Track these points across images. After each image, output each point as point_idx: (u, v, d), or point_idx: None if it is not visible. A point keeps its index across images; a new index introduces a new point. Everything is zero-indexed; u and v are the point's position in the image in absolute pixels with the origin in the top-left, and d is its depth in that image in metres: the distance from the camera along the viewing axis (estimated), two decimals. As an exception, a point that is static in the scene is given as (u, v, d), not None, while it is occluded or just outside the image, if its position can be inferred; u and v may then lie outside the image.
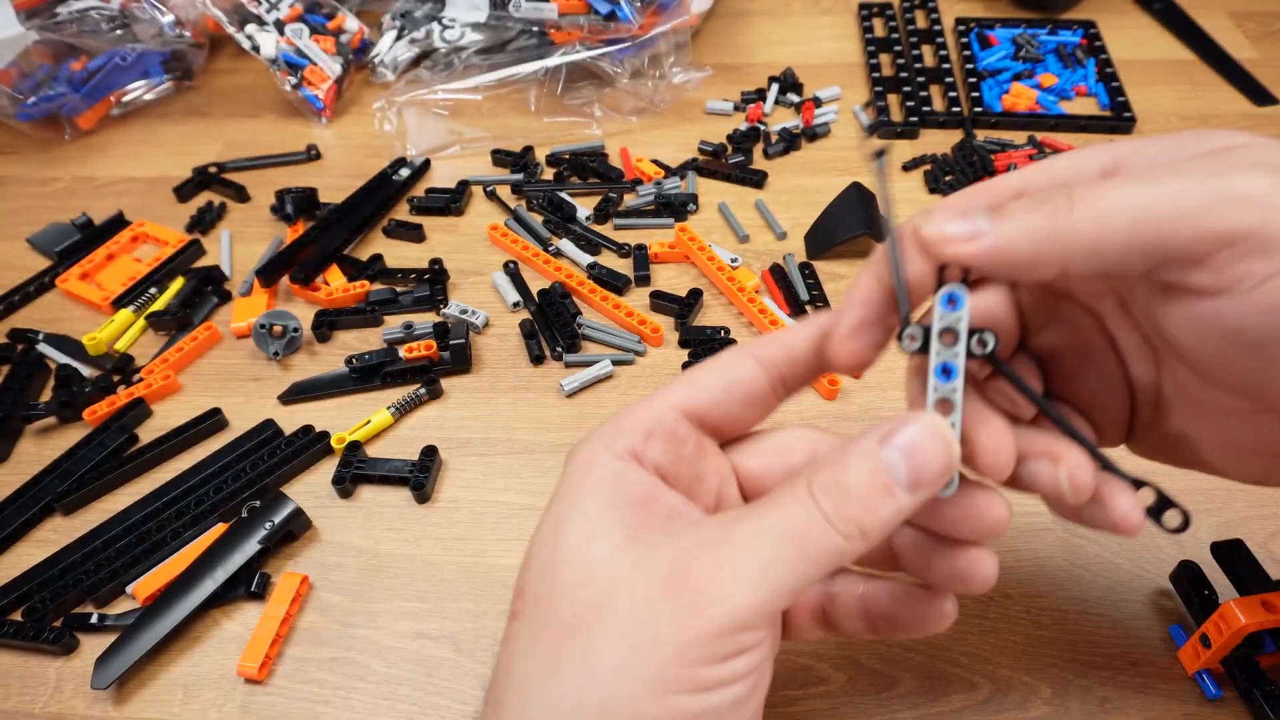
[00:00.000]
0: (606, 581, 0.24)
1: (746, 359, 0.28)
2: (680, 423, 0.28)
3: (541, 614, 0.25)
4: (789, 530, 0.23)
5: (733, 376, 0.28)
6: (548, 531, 0.26)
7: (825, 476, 0.24)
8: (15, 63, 0.71)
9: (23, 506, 0.48)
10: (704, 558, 0.23)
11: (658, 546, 0.24)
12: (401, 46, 0.76)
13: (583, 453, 0.27)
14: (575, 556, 0.25)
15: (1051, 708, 0.38)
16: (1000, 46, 0.74)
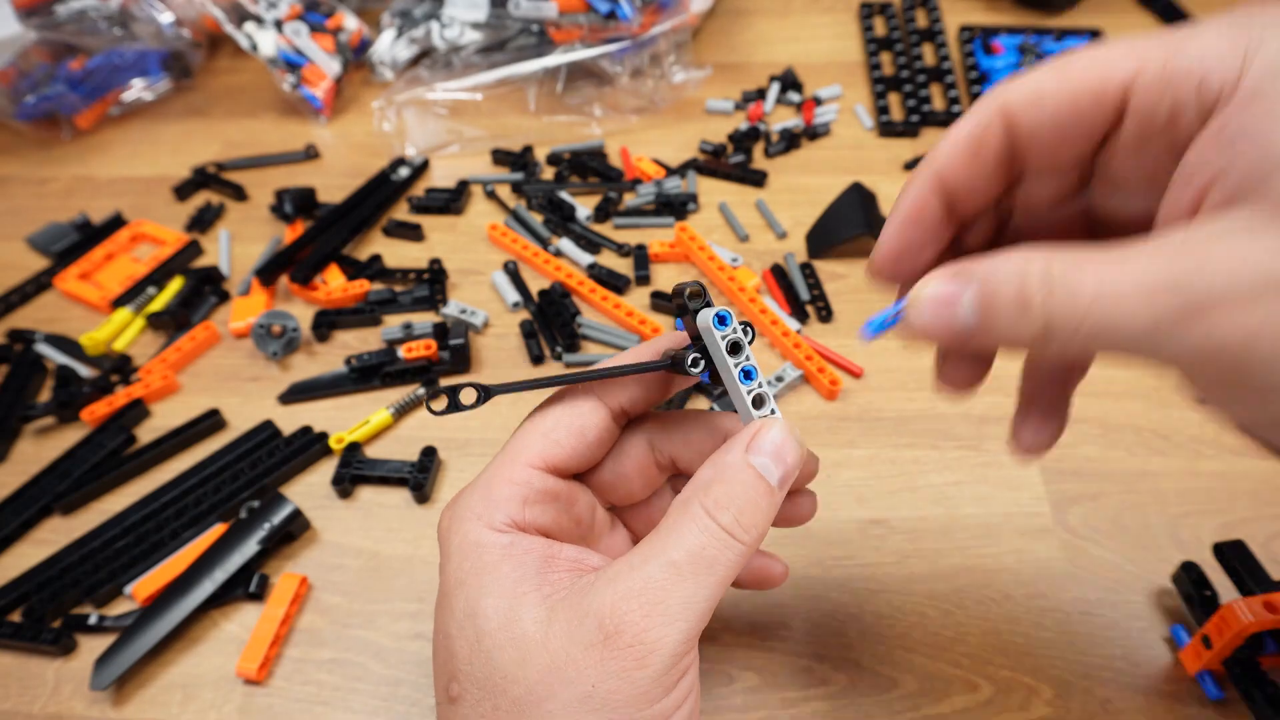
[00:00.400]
0: (546, 654, 0.25)
1: (591, 401, 0.30)
2: (547, 480, 0.29)
3: (489, 697, 0.26)
4: (699, 558, 0.25)
5: (583, 424, 0.29)
6: (464, 619, 0.27)
7: (716, 493, 0.26)
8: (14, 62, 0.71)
9: (21, 507, 0.48)
10: (632, 610, 0.25)
11: (580, 609, 0.25)
12: (401, 45, 0.76)
13: (464, 532, 0.28)
14: (505, 638, 0.26)
15: (1053, 709, 0.38)
16: (1005, 55, 0.74)
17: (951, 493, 0.46)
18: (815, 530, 0.45)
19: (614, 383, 0.30)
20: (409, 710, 0.39)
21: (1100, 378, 0.50)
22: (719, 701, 0.39)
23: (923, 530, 0.44)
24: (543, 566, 0.27)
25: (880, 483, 0.46)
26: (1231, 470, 0.45)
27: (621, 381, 0.30)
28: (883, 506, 0.45)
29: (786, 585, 0.42)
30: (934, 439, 0.48)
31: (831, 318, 0.55)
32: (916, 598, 0.42)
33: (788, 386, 0.50)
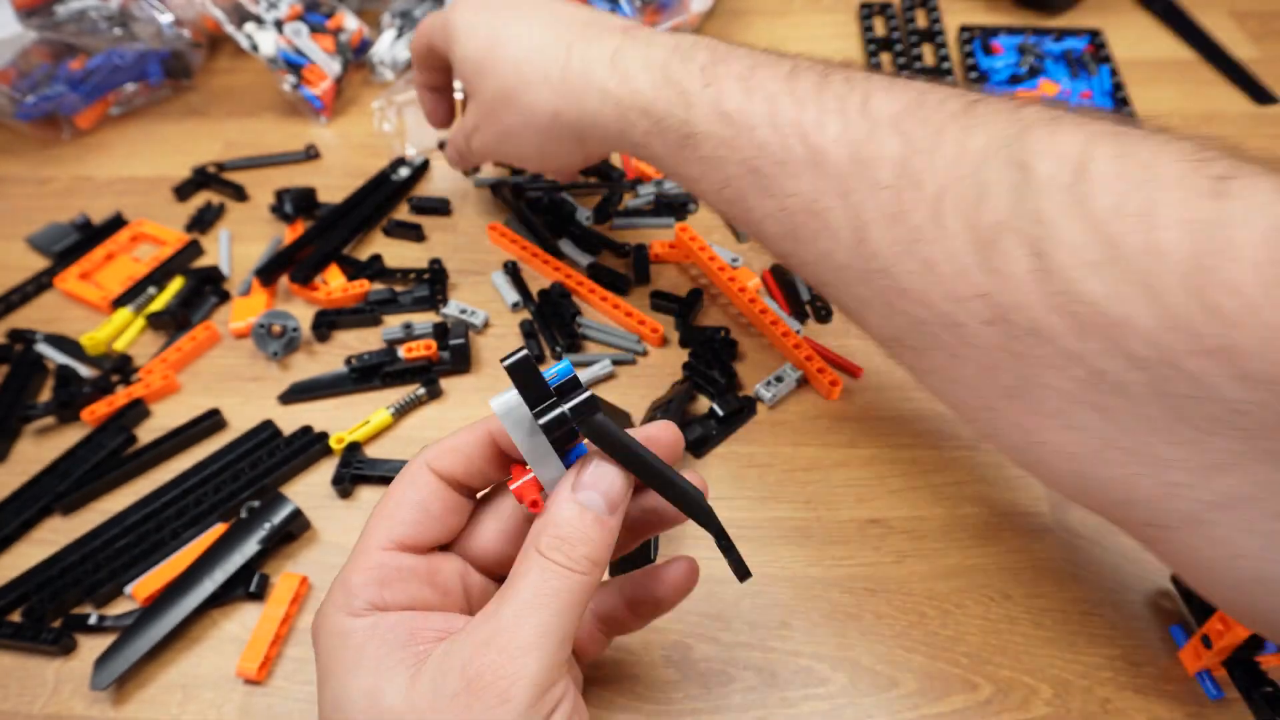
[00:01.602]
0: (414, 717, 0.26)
1: (424, 475, 0.30)
2: (399, 558, 0.30)
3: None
4: (543, 594, 0.27)
5: (420, 498, 0.30)
6: (331, 711, 0.27)
7: (547, 538, 0.27)
8: (14, 62, 0.71)
9: (21, 507, 0.48)
10: (487, 654, 0.26)
11: (442, 666, 0.26)
12: (401, 45, 0.76)
13: (328, 626, 0.29)
14: (371, 716, 0.26)
15: (1052, 708, 0.38)
16: (1004, 55, 0.74)
17: (951, 493, 0.46)
18: (815, 530, 0.45)
19: (449, 453, 0.30)
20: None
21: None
22: (719, 701, 0.39)
23: (923, 530, 0.44)
24: (408, 640, 0.28)
25: (880, 483, 0.46)
26: (1231, 470, 0.45)
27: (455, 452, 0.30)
28: (883, 506, 0.45)
29: (786, 585, 0.43)
30: (934, 439, 0.48)
31: (831, 318, 0.55)
32: (916, 598, 0.42)
33: (787, 387, 0.50)
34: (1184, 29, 0.77)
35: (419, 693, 0.26)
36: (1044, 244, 0.26)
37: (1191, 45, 0.75)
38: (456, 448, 0.31)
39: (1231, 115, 0.68)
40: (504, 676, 0.25)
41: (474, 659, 0.26)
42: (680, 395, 0.49)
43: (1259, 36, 0.76)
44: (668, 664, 0.40)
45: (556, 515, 0.28)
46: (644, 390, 0.52)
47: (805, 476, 0.47)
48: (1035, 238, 0.26)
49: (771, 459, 0.48)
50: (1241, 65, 0.72)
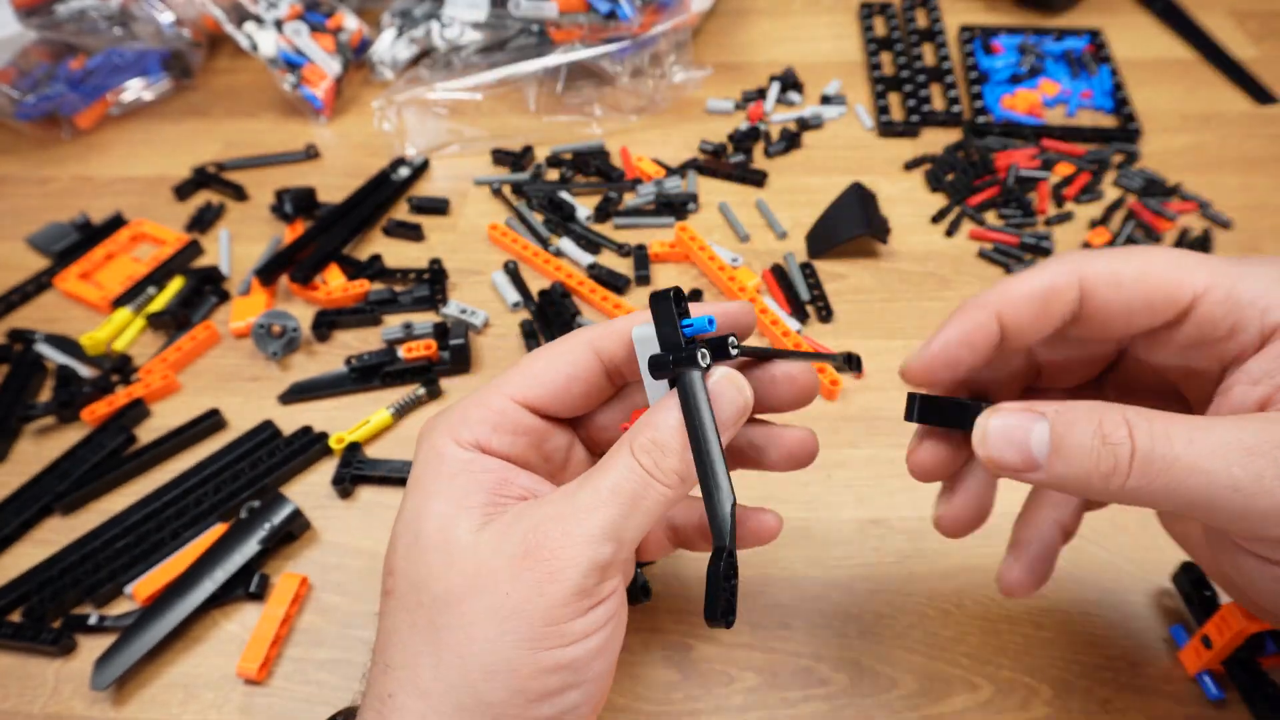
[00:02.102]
0: (470, 562, 0.27)
1: (584, 353, 0.31)
2: (521, 414, 0.31)
3: (414, 592, 0.28)
4: (621, 491, 0.27)
5: (572, 371, 0.31)
6: (409, 518, 0.29)
7: (644, 439, 0.27)
8: (14, 62, 0.71)
9: (21, 507, 0.48)
10: (553, 529, 0.26)
11: (511, 525, 0.27)
12: (401, 45, 0.76)
13: (433, 441, 0.30)
14: (439, 541, 0.28)
15: (1053, 709, 0.38)
16: (1004, 54, 0.74)
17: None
18: (815, 530, 0.45)
19: (616, 335, 0.30)
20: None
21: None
22: (719, 701, 0.39)
23: (923, 530, 0.44)
24: (495, 487, 0.29)
25: (880, 483, 0.46)
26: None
27: (611, 338, 0.30)
28: (883, 506, 0.45)
29: (786, 585, 0.43)
30: (934, 439, 0.48)
31: (831, 318, 0.55)
32: (916, 598, 0.42)
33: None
34: (1184, 29, 0.77)
35: (484, 539, 0.27)
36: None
37: (1191, 45, 0.75)
38: (625, 335, 0.30)
39: (1231, 115, 0.68)
40: (560, 557, 0.26)
41: (539, 529, 0.26)
42: None
43: (1259, 36, 0.76)
44: (668, 664, 0.40)
45: (658, 419, 0.28)
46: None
47: (805, 476, 0.47)
48: None
49: (771, 459, 0.48)
50: (1241, 65, 0.72)
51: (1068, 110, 0.69)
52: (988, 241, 0.59)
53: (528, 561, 0.26)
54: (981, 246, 0.59)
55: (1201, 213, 0.61)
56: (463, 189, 0.66)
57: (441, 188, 0.66)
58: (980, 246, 0.59)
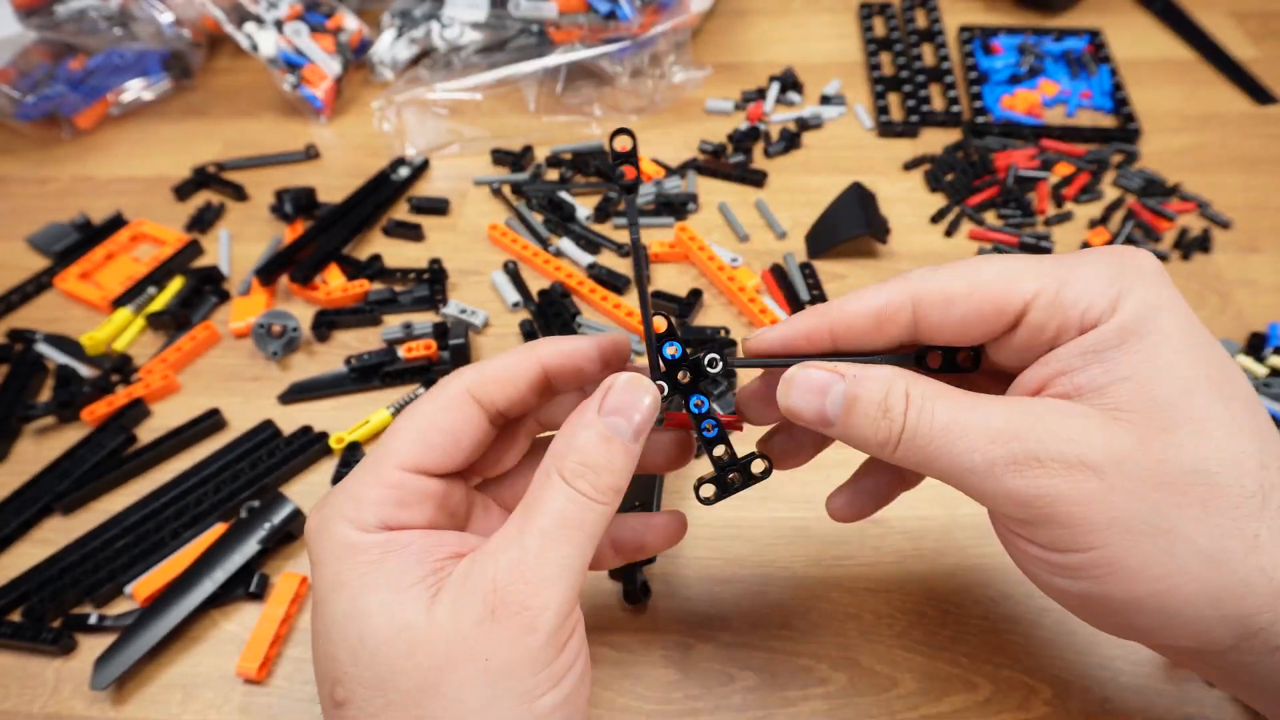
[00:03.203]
0: (436, 640, 0.25)
1: (464, 403, 0.29)
2: (418, 481, 0.29)
3: (379, 694, 0.26)
4: (566, 522, 0.27)
5: (458, 427, 0.29)
6: (343, 620, 0.26)
7: (572, 463, 0.27)
8: (14, 62, 0.71)
9: (21, 506, 0.48)
10: (513, 582, 0.26)
11: (465, 590, 0.26)
12: (401, 45, 0.76)
13: (334, 534, 0.27)
14: (390, 633, 0.26)
15: (1052, 708, 0.38)
16: (1004, 55, 0.74)
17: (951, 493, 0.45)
18: (815, 530, 0.45)
19: (494, 382, 0.30)
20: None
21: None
22: (719, 701, 0.39)
23: (923, 530, 0.44)
24: (423, 557, 0.27)
25: (880, 482, 0.46)
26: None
27: (503, 383, 0.30)
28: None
29: (786, 585, 0.43)
30: (934, 439, 0.48)
31: (831, 318, 0.55)
32: (916, 598, 0.42)
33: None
34: (1184, 29, 0.77)
35: (441, 613, 0.26)
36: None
37: (1191, 45, 0.75)
38: (505, 378, 0.30)
39: (1231, 115, 0.68)
40: (530, 608, 0.25)
41: (499, 585, 0.26)
42: None
43: (1259, 36, 0.76)
44: (668, 664, 0.40)
45: (581, 440, 0.27)
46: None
47: (805, 476, 0.47)
48: None
49: (771, 459, 0.48)
50: (1241, 65, 0.72)
51: (1067, 110, 0.69)
52: (987, 241, 0.59)
53: (498, 621, 0.25)
54: (981, 247, 0.59)
55: (1201, 213, 0.61)
56: (463, 189, 0.66)
57: (441, 188, 0.66)
58: (980, 246, 0.59)
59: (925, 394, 0.26)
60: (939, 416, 0.26)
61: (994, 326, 0.27)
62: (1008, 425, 0.25)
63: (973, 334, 0.28)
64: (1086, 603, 0.26)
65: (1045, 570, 0.26)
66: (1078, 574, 0.25)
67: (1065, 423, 0.25)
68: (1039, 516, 0.25)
